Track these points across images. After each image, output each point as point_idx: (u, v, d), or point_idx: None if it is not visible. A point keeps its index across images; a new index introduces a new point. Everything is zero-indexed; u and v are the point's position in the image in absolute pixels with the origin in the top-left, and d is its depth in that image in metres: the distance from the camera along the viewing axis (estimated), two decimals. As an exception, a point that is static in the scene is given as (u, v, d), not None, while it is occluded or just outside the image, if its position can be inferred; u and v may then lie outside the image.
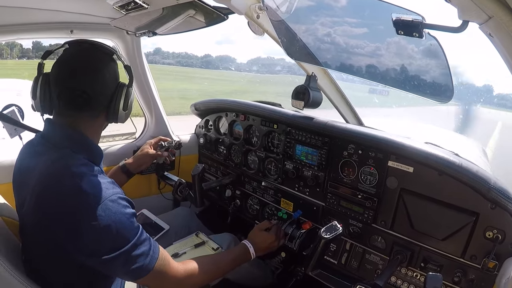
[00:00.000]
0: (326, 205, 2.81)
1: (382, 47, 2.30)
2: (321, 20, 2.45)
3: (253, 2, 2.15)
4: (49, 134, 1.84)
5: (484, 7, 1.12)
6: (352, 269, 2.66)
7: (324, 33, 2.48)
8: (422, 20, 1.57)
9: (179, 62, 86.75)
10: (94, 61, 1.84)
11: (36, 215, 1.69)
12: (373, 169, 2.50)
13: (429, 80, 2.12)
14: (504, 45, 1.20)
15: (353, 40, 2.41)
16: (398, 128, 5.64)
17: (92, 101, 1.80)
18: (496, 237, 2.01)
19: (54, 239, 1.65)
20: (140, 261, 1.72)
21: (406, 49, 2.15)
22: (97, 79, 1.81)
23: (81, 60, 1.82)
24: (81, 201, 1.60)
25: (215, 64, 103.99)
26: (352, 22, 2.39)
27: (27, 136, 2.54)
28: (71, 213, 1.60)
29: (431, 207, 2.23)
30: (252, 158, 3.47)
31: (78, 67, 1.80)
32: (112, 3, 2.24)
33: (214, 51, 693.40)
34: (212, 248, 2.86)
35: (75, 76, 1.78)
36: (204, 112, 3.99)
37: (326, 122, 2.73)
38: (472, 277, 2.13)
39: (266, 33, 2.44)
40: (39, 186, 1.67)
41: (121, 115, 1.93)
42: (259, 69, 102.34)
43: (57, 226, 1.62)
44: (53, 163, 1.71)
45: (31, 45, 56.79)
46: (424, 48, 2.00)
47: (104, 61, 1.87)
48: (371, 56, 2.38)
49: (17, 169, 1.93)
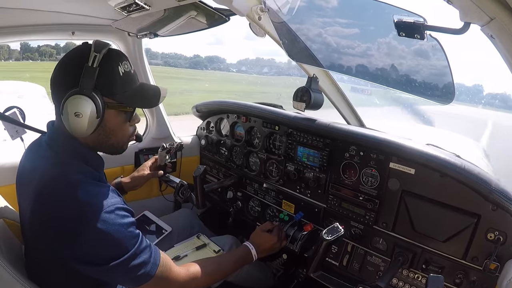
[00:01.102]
0: (327, 207, 2.81)
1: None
2: (323, 22, 2.45)
3: (255, 3, 2.15)
4: (50, 138, 1.83)
5: (486, 9, 1.12)
6: (354, 271, 2.66)
7: (325, 34, 2.49)
8: (423, 21, 1.57)
9: (166, 63, 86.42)
10: (65, 57, 1.76)
11: (35, 219, 1.69)
12: (375, 170, 2.50)
13: (431, 81, 2.12)
14: (505, 46, 1.20)
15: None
16: (398, 129, 5.64)
17: (56, 104, 1.74)
18: (497, 238, 2.01)
19: (52, 245, 1.65)
20: (141, 269, 1.71)
21: (407, 51, 2.15)
22: (56, 78, 1.75)
23: (62, 59, 1.76)
24: (77, 211, 1.59)
25: (203, 64, 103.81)
26: (353, 24, 2.40)
27: (28, 138, 2.54)
28: (68, 221, 1.59)
29: (433, 209, 2.23)
30: (254, 160, 3.47)
31: (57, 66, 1.75)
32: (114, 5, 2.23)
33: (204, 51, 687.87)
34: (213, 250, 2.87)
35: (54, 77, 1.75)
36: (205, 113, 3.99)
37: (327, 123, 2.73)
38: (473, 278, 2.12)
39: (267, 34, 2.44)
40: (38, 190, 1.67)
41: (67, 126, 1.68)
42: (247, 70, 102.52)
43: (54, 232, 1.63)
44: (52, 168, 1.71)
45: (19, 46, 56.53)
46: (426, 50, 2.00)
47: (70, 59, 1.75)
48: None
49: (20, 171, 1.92)
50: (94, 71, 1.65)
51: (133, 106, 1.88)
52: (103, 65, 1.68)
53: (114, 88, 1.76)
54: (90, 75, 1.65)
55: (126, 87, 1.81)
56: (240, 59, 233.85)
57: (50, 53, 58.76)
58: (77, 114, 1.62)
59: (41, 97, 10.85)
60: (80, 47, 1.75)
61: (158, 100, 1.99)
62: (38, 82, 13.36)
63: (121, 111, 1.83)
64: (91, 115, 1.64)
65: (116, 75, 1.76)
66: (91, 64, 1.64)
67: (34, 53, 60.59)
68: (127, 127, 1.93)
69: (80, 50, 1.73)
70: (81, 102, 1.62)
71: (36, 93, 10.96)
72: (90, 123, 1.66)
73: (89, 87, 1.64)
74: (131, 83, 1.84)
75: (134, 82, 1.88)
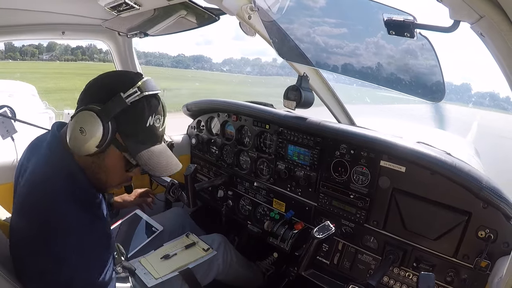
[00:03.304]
0: (318, 205, 2.82)
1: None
2: (313, 20, 2.45)
3: (245, 3, 2.14)
4: (51, 139, 1.77)
5: (476, 7, 1.12)
6: (345, 269, 2.66)
7: (315, 33, 2.48)
8: (413, 20, 1.57)
9: (149, 62, 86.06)
10: (107, 74, 1.75)
11: (21, 215, 1.69)
12: (365, 169, 2.50)
13: (421, 80, 2.12)
14: (495, 44, 1.20)
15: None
16: (389, 127, 5.65)
17: None
18: (488, 236, 2.02)
19: (30, 245, 1.62)
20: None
21: (397, 49, 2.15)
22: (89, 88, 1.70)
23: (110, 73, 1.76)
24: (53, 223, 1.56)
25: (186, 63, 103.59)
26: (343, 23, 2.39)
27: (19, 138, 2.53)
28: (42, 227, 1.56)
29: (424, 207, 2.23)
30: (244, 159, 3.47)
31: (102, 76, 1.73)
32: (104, 4, 2.23)
33: (189, 51, 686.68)
34: (202, 249, 2.86)
35: (91, 85, 1.71)
36: (196, 112, 3.98)
37: (318, 122, 2.73)
38: (464, 276, 2.13)
39: (257, 33, 2.44)
40: (27, 190, 1.66)
41: (68, 135, 1.63)
42: (230, 69, 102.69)
43: (31, 231, 1.60)
44: (45, 168, 1.69)
45: (3, 46, 56.19)
46: (416, 48, 2.00)
47: (111, 79, 1.72)
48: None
49: (19, 168, 1.90)
50: (123, 104, 1.60)
51: (138, 162, 1.75)
52: (136, 105, 1.64)
53: (132, 132, 1.69)
54: (118, 105, 1.60)
55: (145, 140, 1.74)
56: (225, 59, 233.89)
57: (32, 52, 58.55)
58: (82, 130, 1.56)
59: (31, 96, 10.77)
60: (131, 73, 1.73)
61: (165, 172, 1.84)
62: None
63: (125, 157, 1.74)
64: (94, 138, 1.57)
65: (142, 122, 1.69)
66: (125, 97, 1.60)
67: (15, 53, 60.35)
68: (123, 173, 1.84)
69: (127, 75, 1.71)
70: (92, 122, 1.56)
71: (27, 92, 10.88)
72: (89, 145, 1.59)
73: (109, 114, 1.59)
74: (151, 139, 1.77)
75: (154, 140, 1.79)
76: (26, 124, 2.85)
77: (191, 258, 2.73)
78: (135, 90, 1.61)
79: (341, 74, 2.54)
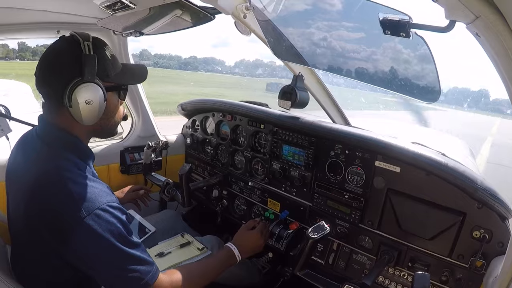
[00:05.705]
0: (313, 205, 2.81)
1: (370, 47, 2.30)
2: (308, 20, 2.45)
3: (240, 2, 2.14)
4: (41, 132, 1.83)
5: (471, 7, 1.12)
6: (340, 269, 2.66)
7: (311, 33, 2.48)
8: (409, 20, 1.56)
9: (156, 63, 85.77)
10: (51, 52, 1.77)
11: (29, 212, 1.68)
12: (360, 169, 2.50)
13: (416, 80, 2.12)
14: (491, 45, 1.20)
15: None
16: (384, 128, 5.66)
17: (52, 98, 1.76)
18: (483, 236, 2.02)
19: (42, 240, 1.64)
20: (133, 274, 1.69)
21: (393, 49, 2.15)
22: (51, 72, 1.75)
23: (48, 55, 1.77)
24: (71, 207, 1.58)
25: (195, 65, 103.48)
26: (338, 22, 2.39)
27: (14, 137, 2.52)
28: (61, 216, 1.58)
29: (418, 207, 2.24)
30: (239, 158, 3.47)
31: (45, 63, 1.75)
32: (99, 3, 2.22)
33: (202, 53, 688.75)
34: (197, 248, 2.86)
35: (39, 70, 1.75)
36: (191, 112, 3.97)
37: (313, 122, 2.73)
38: (459, 276, 2.14)
39: (253, 33, 2.43)
40: (32, 184, 1.66)
41: (77, 115, 1.73)
42: (240, 72, 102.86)
43: (47, 226, 1.61)
44: (45, 162, 1.71)
45: (16, 45, 55.84)
46: (411, 48, 2.00)
47: (62, 52, 1.76)
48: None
49: (10, 166, 1.93)
50: (93, 58, 1.72)
51: (127, 83, 2.00)
52: (95, 52, 1.74)
53: (107, 71, 1.84)
54: (91, 62, 1.71)
55: (116, 68, 1.90)
56: (236, 61, 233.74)
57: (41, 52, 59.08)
58: (88, 101, 1.70)
59: (26, 94, 10.74)
60: (62, 41, 1.78)
61: (145, 75, 2.12)
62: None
63: (115, 91, 1.93)
64: (100, 100, 1.75)
65: (106, 59, 1.83)
66: (88, 53, 1.70)
67: (25, 52, 60.17)
68: (119, 106, 2.02)
69: (65, 42, 1.76)
70: (91, 89, 1.70)
71: (22, 91, 10.85)
72: (100, 108, 1.77)
73: (92, 74, 1.71)
74: (118, 64, 1.94)
75: (119, 63, 1.97)
76: (20, 123, 2.83)
77: (186, 257, 2.74)
78: (85, 43, 1.72)
79: (336, 74, 2.54)
